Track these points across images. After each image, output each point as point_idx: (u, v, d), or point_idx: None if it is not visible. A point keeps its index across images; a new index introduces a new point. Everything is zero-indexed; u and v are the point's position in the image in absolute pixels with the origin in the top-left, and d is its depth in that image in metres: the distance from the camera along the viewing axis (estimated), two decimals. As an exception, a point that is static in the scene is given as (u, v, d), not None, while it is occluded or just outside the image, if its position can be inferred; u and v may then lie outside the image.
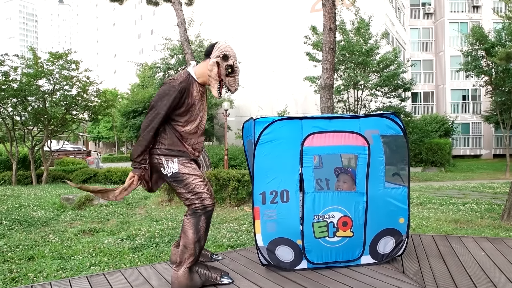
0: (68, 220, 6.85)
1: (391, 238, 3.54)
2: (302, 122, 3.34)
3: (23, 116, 16.53)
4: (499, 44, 19.71)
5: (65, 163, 22.30)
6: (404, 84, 19.69)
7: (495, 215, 6.90)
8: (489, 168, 23.38)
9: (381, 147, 3.40)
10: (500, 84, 20.47)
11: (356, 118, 3.41)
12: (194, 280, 3.04)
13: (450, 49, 30.78)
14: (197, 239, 3.03)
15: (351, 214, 3.38)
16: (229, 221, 6.62)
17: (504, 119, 21.28)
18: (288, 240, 3.39)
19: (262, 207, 3.37)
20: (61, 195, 9.41)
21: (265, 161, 3.33)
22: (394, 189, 3.51)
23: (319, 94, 8.28)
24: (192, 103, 3.07)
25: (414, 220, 6.54)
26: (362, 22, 18.18)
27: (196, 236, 3.03)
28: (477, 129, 31.24)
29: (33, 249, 4.99)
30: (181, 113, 3.05)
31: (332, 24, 7.71)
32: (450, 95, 31.50)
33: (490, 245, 4.15)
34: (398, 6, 29.67)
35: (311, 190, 3.31)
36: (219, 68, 3.04)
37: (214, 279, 3.08)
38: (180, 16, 10.43)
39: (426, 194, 10.12)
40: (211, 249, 4.73)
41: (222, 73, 3.04)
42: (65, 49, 16.62)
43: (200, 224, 3.04)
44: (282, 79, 27.09)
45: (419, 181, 16.99)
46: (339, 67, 18.35)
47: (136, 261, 4.37)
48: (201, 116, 3.18)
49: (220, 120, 28.00)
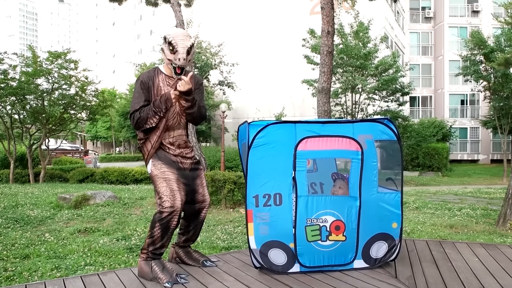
0: (64, 220, 6.86)
1: (384, 243, 3.56)
2: (296, 126, 3.36)
3: (22, 114, 16.54)
4: (498, 50, 19.79)
5: (63, 162, 22.30)
6: (402, 88, 19.73)
7: (491, 220, 6.93)
8: (486, 173, 23.42)
9: (375, 152, 3.42)
10: (499, 90, 20.55)
11: (349, 123, 3.44)
12: (145, 272, 3.22)
13: (449, 53, 30.84)
14: (151, 241, 3.20)
15: (344, 218, 3.40)
16: (224, 223, 6.63)
17: (502, 124, 21.34)
18: (281, 243, 3.40)
19: (255, 210, 3.39)
20: (58, 194, 9.41)
21: (259, 164, 3.36)
22: (387, 194, 3.54)
23: (316, 97, 8.31)
24: (157, 94, 3.22)
25: (409, 224, 6.56)
26: (361, 25, 18.21)
27: (149, 237, 3.21)
28: (475, 134, 31.29)
29: (28, 248, 5.00)
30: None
31: (331, 28, 7.75)
32: (448, 99, 31.56)
33: (484, 251, 4.17)
34: (397, 10, 29.74)
35: (304, 194, 3.33)
36: (164, 52, 3.18)
37: (160, 280, 3.13)
38: (179, 17, 10.45)
39: (422, 199, 10.14)
40: (205, 251, 4.74)
41: (167, 54, 3.15)
42: (64, 48, 16.65)
43: (155, 228, 3.18)
44: (280, 82, 27.12)
45: (416, 185, 17.02)
46: (337, 70, 18.37)
47: (131, 261, 4.38)
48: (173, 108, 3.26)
49: (217, 121, 28.01)
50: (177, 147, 3.36)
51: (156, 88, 3.24)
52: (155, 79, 3.25)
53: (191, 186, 3.42)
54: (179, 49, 3.09)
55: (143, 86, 3.21)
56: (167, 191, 3.19)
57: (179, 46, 3.09)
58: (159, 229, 3.17)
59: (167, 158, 3.30)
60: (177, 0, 10.78)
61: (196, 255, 3.65)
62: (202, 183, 3.50)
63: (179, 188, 3.24)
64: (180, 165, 3.36)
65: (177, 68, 3.14)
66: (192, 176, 3.43)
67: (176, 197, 3.19)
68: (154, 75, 3.26)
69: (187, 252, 3.65)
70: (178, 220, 3.25)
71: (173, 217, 3.17)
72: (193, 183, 3.43)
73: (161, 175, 3.23)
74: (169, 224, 3.18)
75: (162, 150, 3.32)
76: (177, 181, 3.26)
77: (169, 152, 3.32)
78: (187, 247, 3.67)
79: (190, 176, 3.41)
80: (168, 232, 3.20)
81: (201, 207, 3.50)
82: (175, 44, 3.08)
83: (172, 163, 3.31)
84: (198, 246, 5.01)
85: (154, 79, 3.24)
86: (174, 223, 3.20)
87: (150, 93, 3.23)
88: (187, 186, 3.37)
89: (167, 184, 3.21)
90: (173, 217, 3.18)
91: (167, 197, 3.17)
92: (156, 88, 3.24)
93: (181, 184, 3.29)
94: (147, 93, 3.22)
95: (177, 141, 3.36)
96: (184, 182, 3.34)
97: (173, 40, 3.09)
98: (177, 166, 3.33)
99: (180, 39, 3.11)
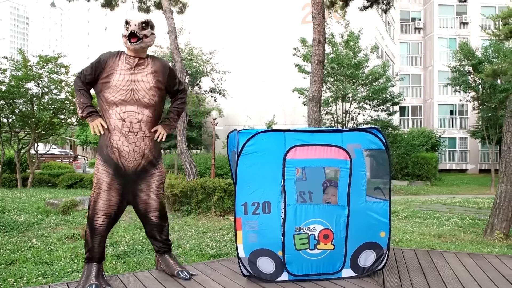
0: (52, 225, 6.80)
1: (372, 252, 3.57)
2: (285, 134, 3.38)
3: (10, 118, 16.39)
4: (486, 61, 20.09)
5: (52, 167, 22.10)
6: (392, 98, 19.88)
7: (479, 230, 7.00)
8: (475, 183, 23.63)
9: (363, 161, 3.45)
10: (487, 100, 20.83)
11: (338, 132, 3.46)
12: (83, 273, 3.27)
13: (438, 64, 31.20)
14: (85, 243, 3.31)
15: (332, 227, 3.41)
16: (213, 231, 6.62)
17: (490, 134, 21.58)
18: (269, 251, 3.40)
19: (244, 218, 3.39)
20: (46, 199, 9.33)
21: (248, 172, 3.37)
22: (376, 203, 3.56)
23: (307, 106, 8.35)
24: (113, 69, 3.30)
25: (398, 233, 6.59)
26: (352, 35, 18.36)
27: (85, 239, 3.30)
28: (463, 144, 31.60)
29: (14, 253, 4.94)
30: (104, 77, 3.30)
31: (322, 37, 7.80)
32: (437, 109, 31.87)
33: (471, 261, 4.20)
34: (388, 20, 30.04)
35: (292, 202, 3.34)
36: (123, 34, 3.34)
37: (79, 284, 3.17)
38: (171, 24, 10.45)
39: (411, 208, 10.20)
40: (193, 259, 4.71)
41: (123, 32, 3.31)
42: (55, 53, 16.57)
43: (86, 229, 3.29)
44: (272, 90, 27.18)
45: (405, 194, 17.12)
46: (328, 79, 18.47)
47: (118, 268, 4.35)
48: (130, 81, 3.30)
49: (208, 128, 27.94)
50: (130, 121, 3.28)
51: (113, 65, 3.31)
52: (116, 57, 3.34)
53: (131, 187, 3.36)
54: (131, 22, 3.25)
55: (97, 62, 3.34)
56: (95, 190, 3.27)
57: (132, 21, 3.26)
58: (88, 230, 3.27)
59: (107, 154, 3.28)
60: (170, 7, 10.79)
61: (172, 264, 3.54)
62: (149, 185, 3.41)
63: (108, 189, 3.25)
64: (119, 164, 3.28)
65: (132, 38, 3.25)
66: (135, 176, 3.34)
67: (100, 197, 3.25)
68: (116, 55, 3.36)
69: (164, 259, 3.58)
70: (108, 222, 3.27)
71: (95, 217, 3.23)
72: (133, 184, 3.36)
73: (96, 172, 3.30)
74: (94, 225, 3.24)
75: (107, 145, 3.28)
76: (110, 181, 3.26)
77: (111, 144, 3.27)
78: (164, 254, 3.59)
79: (130, 177, 3.32)
80: (95, 233, 3.25)
81: (147, 210, 3.44)
82: (129, 20, 3.27)
83: (109, 160, 3.28)
84: (187, 254, 4.99)
85: (114, 58, 3.33)
86: (98, 224, 3.24)
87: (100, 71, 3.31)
88: (123, 187, 3.32)
89: (97, 183, 3.27)
90: (95, 217, 3.23)
91: (93, 197, 3.27)
92: (113, 65, 3.31)
93: (114, 184, 3.28)
94: (95, 70, 3.31)
95: (129, 117, 3.29)
96: (119, 183, 3.30)
97: (128, 19, 3.28)
98: (114, 165, 3.28)
99: (135, 18, 3.29)
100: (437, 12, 32.14)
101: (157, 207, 3.46)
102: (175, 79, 3.59)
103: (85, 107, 3.33)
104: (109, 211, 3.26)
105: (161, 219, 3.50)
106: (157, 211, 3.46)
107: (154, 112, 3.38)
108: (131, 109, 3.27)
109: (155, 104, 3.38)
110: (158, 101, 3.40)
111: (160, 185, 3.47)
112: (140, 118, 3.30)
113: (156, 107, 3.39)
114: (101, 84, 3.31)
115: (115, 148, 3.26)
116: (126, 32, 3.27)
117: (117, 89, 3.26)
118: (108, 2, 13.60)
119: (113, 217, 3.33)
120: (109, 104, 3.28)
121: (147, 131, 3.36)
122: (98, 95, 3.37)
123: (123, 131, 3.26)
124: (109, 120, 3.28)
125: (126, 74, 3.29)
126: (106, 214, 3.26)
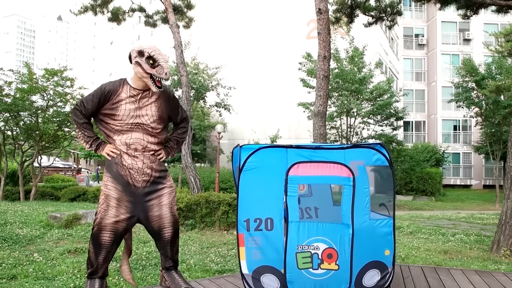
0: (54, 239, 6.76)
1: (376, 271, 3.50)
2: (287, 150, 3.36)
3: (15, 131, 16.46)
4: (489, 77, 20.11)
5: (55, 179, 22.15)
6: (396, 113, 19.90)
7: (484, 246, 6.92)
8: (479, 198, 23.47)
9: (367, 178, 3.39)
10: (490, 116, 20.80)
11: (341, 149, 3.43)
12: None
13: (441, 80, 31.26)
14: (88, 260, 3.28)
15: (336, 246, 3.32)
16: (218, 245, 6.56)
17: (494, 150, 21.50)
18: (273, 268, 3.35)
19: (247, 234, 3.36)
20: (48, 212, 9.30)
21: (250, 188, 3.34)
22: (379, 221, 3.50)
23: (312, 120, 8.34)
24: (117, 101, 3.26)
25: (404, 249, 6.52)
26: (356, 51, 18.46)
27: (88, 255, 3.28)
28: (467, 159, 31.47)
29: (16, 268, 4.90)
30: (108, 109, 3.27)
31: (327, 53, 7.83)
32: (441, 125, 31.83)
33: (479, 278, 4.15)
34: (392, 37, 30.21)
35: (295, 219, 3.28)
36: (142, 66, 3.18)
37: None
38: (177, 38, 10.53)
39: (416, 223, 10.12)
40: (198, 274, 4.66)
41: (147, 68, 3.16)
42: (61, 66, 16.68)
43: (90, 245, 3.25)
44: (276, 104, 27.27)
45: (410, 209, 17.00)
46: (332, 94, 18.53)
47: (121, 284, 4.30)
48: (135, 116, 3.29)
49: (212, 142, 27.99)
50: (135, 149, 3.31)
51: (117, 98, 3.27)
52: (119, 88, 3.29)
53: (141, 204, 3.32)
54: (162, 63, 3.16)
55: (100, 94, 3.25)
56: (103, 206, 3.22)
57: (161, 60, 3.16)
58: (92, 246, 3.23)
59: (117, 171, 3.27)
60: (176, 22, 10.89)
61: (179, 280, 3.48)
62: (160, 201, 3.37)
63: (117, 205, 3.23)
64: (128, 181, 3.28)
65: (157, 81, 3.20)
66: (144, 192, 3.32)
67: (108, 213, 3.20)
68: (119, 85, 3.30)
69: (170, 275, 3.52)
70: (114, 238, 3.23)
71: (101, 233, 3.19)
72: (144, 201, 3.32)
73: (104, 188, 3.26)
74: (99, 241, 3.20)
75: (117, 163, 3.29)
76: (119, 197, 3.24)
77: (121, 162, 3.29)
78: (170, 271, 3.54)
79: (140, 193, 3.30)
80: (100, 249, 3.21)
81: (160, 226, 3.38)
82: (156, 58, 3.14)
83: (119, 177, 3.27)
84: (191, 269, 4.94)
85: (118, 89, 3.28)
86: (104, 240, 3.20)
87: (103, 102, 3.26)
88: (132, 204, 3.29)
89: (105, 199, 3.23)
90: (102, 233, 3.19)
91: (99, 213, 3.22)
92: (117, 97, 3.27)
93: (123, 201, 3.25)
94: (99, 101, 3.25)
95: (135, 143, 3.31)
96: (128, 200, 3.27)
97: (154, 53, 3.15)
98: (124, 181, 3.27)
99: (158, 52, 3.19)
100: (440, 28, 32.31)
101: (171, 222, 3.40)
102: (178, 108, 3.61)
103: (91, 141, 3.33)
104: (116, 227, 3.23)
105: (174, 234, 3.45)
106: (170, 226, 3.40)
107: (158, 138, 3.44)
108: (136, 136, 3.32)
109: (159, 132, 3.43)
110: (162, 128, 3.45)
111: (172, 199, 3.45)
112: (145, 145, 3.34)
113: (160, 133, 3.45)
114: (104, 114, 3.32)
115: (125, 166, 3.28)
116: (151, 69, 3.16)
117: (122, 122, 3.28)
118: (115, 17, 13.72)
119: (120, 234, 3.29)
120: (113, 131, 3.31)
121: (152, 152, 3.40)
122: (100, 122, 3.37)
123: (128, 152, 3.30)
124: (114, 143, 3.34)
125: (131, 109, 3.29)
126: (113, 230, 3.22)
